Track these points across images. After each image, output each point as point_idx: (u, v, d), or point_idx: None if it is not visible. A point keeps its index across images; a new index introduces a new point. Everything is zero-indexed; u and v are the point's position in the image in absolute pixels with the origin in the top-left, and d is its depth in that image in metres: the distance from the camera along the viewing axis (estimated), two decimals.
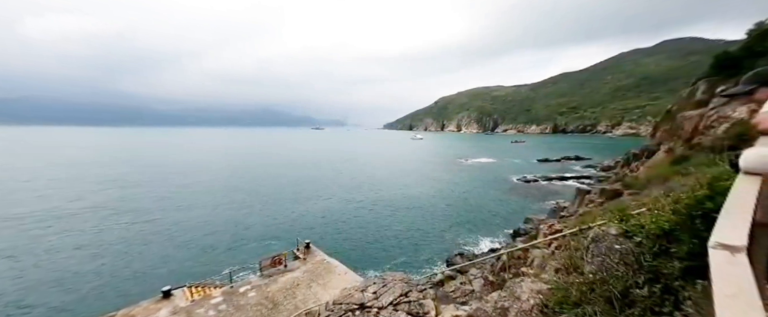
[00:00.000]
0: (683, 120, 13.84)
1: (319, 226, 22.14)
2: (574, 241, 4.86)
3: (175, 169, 48.72)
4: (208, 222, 23.06)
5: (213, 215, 24.87)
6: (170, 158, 64.86)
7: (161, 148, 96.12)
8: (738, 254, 0.47)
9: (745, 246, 0.49)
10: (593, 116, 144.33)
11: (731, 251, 0.48)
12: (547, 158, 54.12)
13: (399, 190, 33.15)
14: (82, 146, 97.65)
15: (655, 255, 2.25)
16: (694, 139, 11.78)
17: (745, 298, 0.39)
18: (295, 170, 47.27)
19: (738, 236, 0.53)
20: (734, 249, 0.48)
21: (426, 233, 20.76)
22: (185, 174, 43.61)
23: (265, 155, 74.05)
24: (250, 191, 33.01)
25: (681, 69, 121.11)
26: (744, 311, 0.37)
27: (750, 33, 16.84)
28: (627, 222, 3.44)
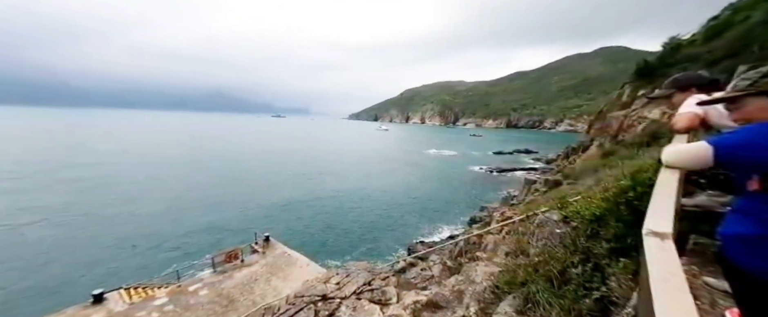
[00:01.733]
0: (611, 119, 15.92)
1: (279, 218, 21.28)
2: (522, 227, 5.33)
3: (107, 158, 42.54)
4: (151, 217, 20.73)
5: (156, 209, 22.37)
6: (100, 145, 56.37)
7: (87, 132, 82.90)
8: (666, 240, 0.53)
9: (671, 232, 0.55)
10: (541, 113, 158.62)
11: (661, 237, 0.54)
12: (501, 150, 58.41)
13: (363, 180, 33.19)
14: None
15: (588, 237, 2.54)
16: (619, 135, 13.64)
17: (674, 281, 0.43)
18: (253, 161, 44.43)
19: (665, 224, 0.59)
20: (663, 236, 0.54)
21: (389, 223, 21.22)
22: (119, 164, 38.35)
23: (219, 143, 68.20)
24: (202, 183, 30.30)
25: (612, 73, 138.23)
26: (674, 292, 0.41)
27: (664, 46, 19.77)
28: (566, 209, 3.85)
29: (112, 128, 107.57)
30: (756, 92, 1.01)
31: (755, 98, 1.02)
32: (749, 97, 1.03)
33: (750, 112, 1.03)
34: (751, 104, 1.03)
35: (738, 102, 1.07)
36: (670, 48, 18.73)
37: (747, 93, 1.03)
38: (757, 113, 1.02)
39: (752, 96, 1.02)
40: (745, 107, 1.05)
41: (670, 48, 18.73)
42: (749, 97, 1.03)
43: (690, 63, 15.26)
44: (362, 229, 19.91)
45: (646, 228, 0.60)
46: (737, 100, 1.06)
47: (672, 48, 18.59)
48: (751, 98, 1.02)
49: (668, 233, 0.57)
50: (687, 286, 0.43)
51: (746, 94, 1.03)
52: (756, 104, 1.02)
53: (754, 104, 1.02)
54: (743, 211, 0.93)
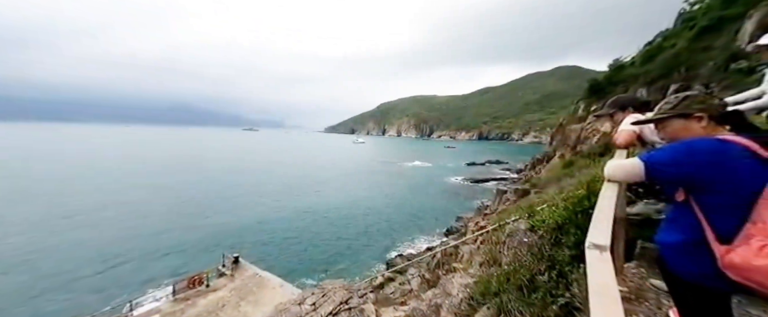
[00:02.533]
0: (570, 132, 17.33)
1: (250, 237, 20.09)
2: (495, 236, 5.50)
3: (48, 177, 38.04)
4: (100, 243, 18.59)
5: (107, 234, 20.16)
6: (38, 164, 50.39)
7: (23, 149, 73.97)
8: (604, 252, 0.59)
9: (608, 245, 0.62)
10: (509, 126, 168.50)
11: (600, 250, 0.60)
12: (474, 161, 60.73)
13: (340, 194, 32.62)
14: None
15: (552, 245, 2.69)
16: (578, 147, 14.82)
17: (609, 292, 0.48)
18: (221, 177, 42.04)
19: (604, 237, 0.66)
20: (602, 248, 0.60)
21: (368, 237, 20.88)
22: (63, 184, 34.41)
23: (181, 159, 63.91)
24: (162, 203, 27.96)
25: (569, 90, 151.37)
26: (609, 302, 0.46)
27: (610, 66, 22.17)
28: (533, 218, 4.05)
29: (57, 144, 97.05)
30: (676, 115, 1.18)
31: (676, 119, 1.18)
32: (671, 118, 1.19)
33: (673, 131, 1.19)
34: (673, 125, 1.19)
35: (663, 122, 1.23)
36: (614, 69, 21.12)
37: (669, 115, 1.19)
38: (679, 132, 1.18)
39: (673, 118, 1.18)
40: (668, 127, 1.21)
41: (614, 69, 21.12)
42: (671, 118, 1.19)
43: (631, 82, 17.23)
44: (340, 245, 19.37)
45: (588, 241, 0.66)
46: (662, 121, 1.22)
47: (616, 69, 20.98)
48: (673, 119, 1.19)
49: (606, 245, 0.63)
50: (619, 298, 0.48)
51: (669, 116, 1.19)
52: (677, 125, 1.18)
53: (676, 124, 1.18)
54: (673, 219, 1.05)
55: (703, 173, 0.92)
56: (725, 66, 9.56)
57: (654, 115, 1.28)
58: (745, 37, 10.89)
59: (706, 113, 1.09)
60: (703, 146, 0.96)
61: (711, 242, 0.89)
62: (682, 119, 1.16)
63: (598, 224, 0.79)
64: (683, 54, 13.94)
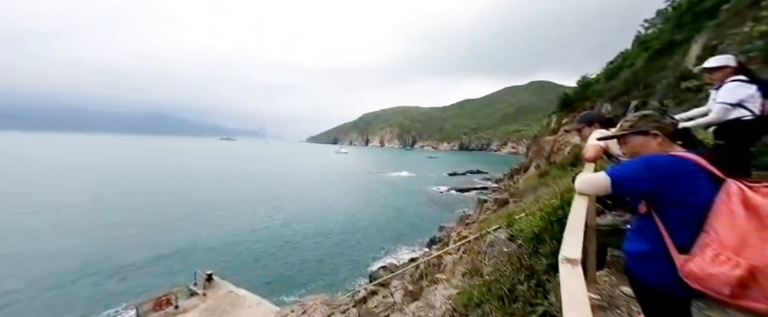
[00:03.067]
0: (544, 143, 18.23)
1: (225, 252, 19.04)
2: (477, 246, 5.57)
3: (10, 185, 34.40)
4: (56, 257, 16.86)
5: (65, 247, 18.35)
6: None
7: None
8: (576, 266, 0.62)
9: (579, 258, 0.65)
10: (488, 137, 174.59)
11: (572, 264, 0.63)
12: (456, 171, 61.98)
13: (322, 206, 31.95)
14: None
15: (531, 254, 2.77)
16: (551, 158, 15.58)
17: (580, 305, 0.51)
18: (194, 188, 39.96)
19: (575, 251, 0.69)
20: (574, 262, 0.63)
21: (350, 249, 20.45)
22: (18, 194, 31.21)
23: (153, 169, 60.30)
24: (129, 216, 26.00)
25: (542, 103, 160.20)
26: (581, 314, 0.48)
27: (578, 83, 23.81)
28: (512, 227, 4.16)
29: (19, 152, 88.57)
30: (635, 132, 1.28)
31: (635, 136, 1.28)
32: (631, 135, 1.29)
33: (633, 147, 1.29)
34: (633, 141, 1.29)
35: (624, 138, 1.33)
36: (582, 85, 22.76)
37: (629, 132, 1.29)
38: (638, 147, 1.28)
39: (633, 134, 1.28)
40: (629, 143, 1.31)
41: (582, 85, 22.76)
42: (631, 135, 1.29)
43: (598, 97, 18.55)
44: (321, 258, 18.80)
45: (561, 255, 0.70)
46: (624, 137, 1.32)
47: (583, 85, 22.62)
48: (633, 136, 1.28)
49: (577, 259, 0.66)
50: (590, 311, 0.50)
51: (629, 133, 1.29)
52: (636, 141, 1.27)
53: (635, 140, 1.28)
54: (638, 230, 1.13)
55: (661, 187, 1.00)
56: (677, 84, 10.57)
57: (616, 131, 1.38)
58: (692, 58, 12.16)
59: (661, 131, 1.20)
60: (660, 161, 1.05)
61: (671, 251, 0.96)
62: (640, 135, 1.25)
63: (569, 237, 0.83)
64: (640, 73, 15.28)
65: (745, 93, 2.03)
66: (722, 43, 9.16)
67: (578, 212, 1.01)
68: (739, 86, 2.06)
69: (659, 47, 15.74)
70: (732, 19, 9.98)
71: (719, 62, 2.22)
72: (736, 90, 2.05)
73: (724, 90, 2.11)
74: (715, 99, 2.15)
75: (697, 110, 2.38)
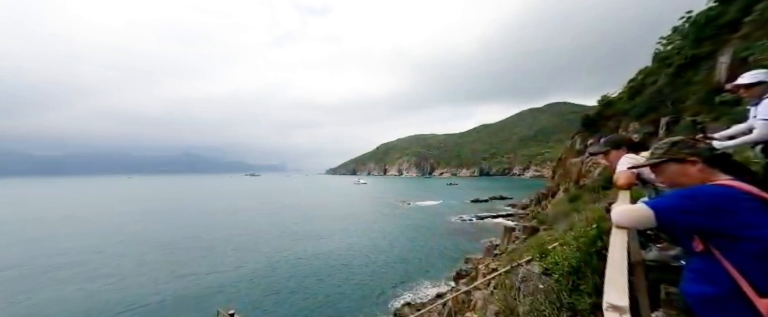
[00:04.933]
0: (570, 166, 17.40)
1: (248, 289, 18.87)
2: (508, 279, 5.18)
3: (38, 227, 37.26)
4: (82, 297, 17.42)
5: (91, 286, 19.02)
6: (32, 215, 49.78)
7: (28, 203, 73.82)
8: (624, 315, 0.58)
9: (627, 305, 0.60)
10: (509, 161, 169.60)
11: (619, 312, 0.58)
12: (478, 198, 59.72)
13: (343, 239, 31.48)
14: None
15: (570, 291, 2.54)
16: (581, 181, 14.74)
17: None
18: (219, 225, 41.13)
19: (621, 296, 0.64)
20: (621, 310, 0.59)
21: (372, 284, 19.58)
22: (51, 235, 33.57)
23: (181, 205, 63.25)
24: (156, 253, 26.93)
25: (563, 124, 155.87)
26: None
27: (599, 102, 23.15)
28: (545, 260, 3.87)
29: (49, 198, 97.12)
30: (669, 159, 1.22)
31: (671, 163, 1.21)
32: (666, 163, 1.23)
33: (671, 176, 1.22)
34: (669, 169, 1.22)
35: (659, 167, 1.26)
36: (604, 104, 22.09)
37: (662, 161, 1.23)
38: (676, 176, 1.20)
39: (667, 162, 1.22)
40: (665, 172, 1.24)
41: (604, 104, 22.09)
42: (666, 163, 1.23)
43: (622, 115, 17.85)
44: (342, 292, 18.09)
45: (605, 302, 0.65)
46: (657, 167, 1.26)
47: (605, 104, 21.94)
48: (667, 164, 1.22)
49: (625, 307, 0.61)
50: None
51: (663, 161, 1.24)
52: (673, 170, 1.20)
53: (671, 169, 1.21)
54: (696, 270, 1.01)
55: (716, 220, 0.91)
56: (710, 98, 10.01)
57: (648, 159, 1.33)
58: (721, 72, 11.62)
59: (699, 157, 1.13)
60: (709, 191, 0.97)
61: (749, 294, 0.84)
62: (676, 163, 1.19)
63: (612, 280, 0.77)
64: (666, 89, 14.69)
65: None
66: (752, 55, 8.76)
67: (618, 248, 0.95)
68: None
69: (682, 62, 15.25)
70: (757, 32, 9.63)
71: (755, 78, 2.14)
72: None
73: (765, 106, 2.01)
74: (757, 116, 2.04)
75: (739, 127, 2.25)
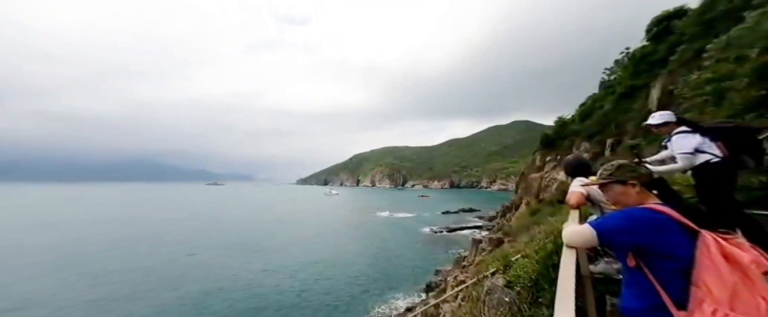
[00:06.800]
0: (532, 180, 18.63)
1: (202, 310, 17.19)
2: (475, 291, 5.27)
3: None
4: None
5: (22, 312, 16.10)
6: None
7: None
8: None
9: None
10: (477, 174, 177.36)
11: None
12: (448, 210, 61.22)
13: (311, 252, 30.23)
14: None
15: (530, 303, 2.64)
16: (540, 194, 15.80)
17: None
18: (172, 236, 37.56)
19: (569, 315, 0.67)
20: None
21: (342, 298, 18.87)
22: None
23: (125, 218, 56.97)
24: (93, 271, 23.71)
25: (526, 141, 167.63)
26: None
27: (556, 123, 25.36)
28: (508, 272, 4.01)
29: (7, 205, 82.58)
30: (615, 181, 1.34)
31: (615, 184, 1.34)
32: (611, 184, 1.35)
33: (615, 194, 1.34)
34: (614, 189, 1.35)
35: (605, 187, 1.39)
36: (559, 125, 24.29)
37: (609, 181, 1.35)
38: (619, 196, 1.33)
39: (612, 183, 1.34)
40: (611, 191, 1.37)
41: (559, 125, 24.29)
42: (611, 184, 1.35)
43: (575, 136, 19.66)
44: (311, 309, 17.19)
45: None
46: (604, 186, 1.38)
47: (560, 125, 24.13)
48: (613, 184, 1.34)
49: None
50: None
51: (607, 182, 1.36)
52: (617, 190, 1.33)
53: (616, 189, 1.34)
54: (631, 285, 1.11)
55: (645, 241, 1.02)
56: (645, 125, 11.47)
57: (597, 179, 1.45)
58: (653, 101, 13.38)
59: (638, 180, 1.26)
60: (641, 215, 1.08)
61: (670, 308, 0.93)
62: (620, 184, 1.32)
63: (561, 300, 0.81)
64: (610, 114, 16.55)
65: (694, 141, 2.21)
66: (677, 88, 10.22)
67: (568, 267, 1.01)
68: (685, 136, 2.27)
69: (623, 91, 17.36)
70: (681, 69, 11.29)
71: (663, 118, 2.52)
72: (685, 140, 2.25)
73: (676, 142, 2.31)
74: (674, 150, 2.33)
75: (666, 153, 2.56)
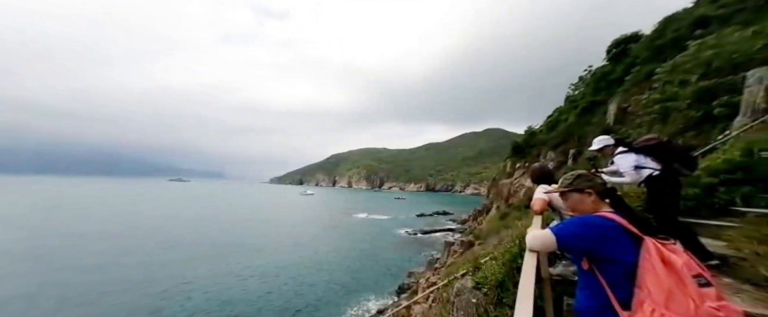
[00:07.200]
0: (502, 186, 19.52)
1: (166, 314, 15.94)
2: (445, 293, 5.39)
3: None
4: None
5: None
6: None
7: None
8: None
9: None
10: (452, 178, 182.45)
11: None
12: (423, 213, 62.28)
13: (282, 253, 29.25)
14: None
15: (496, 304, 2.75)
16: (510, 199, 16.59)
17: None
18: (129, 238, 34.59)
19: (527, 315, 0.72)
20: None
21: (313, 300, 18.42)
22: None
23: (74, 215, 51.64)
24: (34, 274, 21.14)
25: (498, 148, 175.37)
26: None
27: (526, 132, 26.83)
28: (477, 274, 4.15)
29: None
30: (573, 190, 1.44)
31: (573, 193, 1.43)
32: (569, 192, 1.45)
33: (572, 203, 1.44)
34: (572, 197, 1.45)
35: (564, 195, 1.48)
36: (529, 134, 25.77)
37: (567, 189, 1.45)
38: (577, 203, 1.43)
39: (571, 192, 1.44)
40: (569, 199, 1.46)
41: (529, 134, 25.77)
42: (569, 192, 1.45)
43: (542, 145, 20.91)
44: (281, 312, 16.59)
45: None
46: (563, 194, 1.48)
47: (529, 134, 25.61)
48: (571, 193, 1.44)
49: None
50: None
51: (567, 190, 1.45)
52: (575, 198, 1.43)
53: (574, 197, 1.43)
54: (582, 286, 1.20)
55: (597, 246, 1.10)
56: None
57: (557, 187, 1.55)
58: (610, 116, 14.64)
59: (593, 190, 1.37)
60: (594, 222, 1.18)
61: (616, 307, 1.02)
62: (578, 193, 1.42)
63: (521, 302, 0.85)
64: (573, 127, 17.84)
65: (632, 159, 2.50)
66: (630, 106, 11.27)
67: (529, 270, 1.07)
68: (623, 156, 2.57)
69: (585, 106, 18.78)
70: (634, 88, 12.46)
71: (602, 143, 2.87)
72: (624, 159, 2.54)
73: (618, 162, 2.61)
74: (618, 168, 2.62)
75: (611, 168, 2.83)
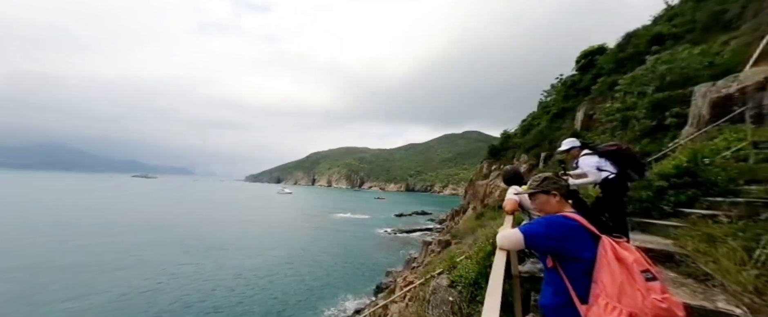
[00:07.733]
0: (478, 186, 20.19)
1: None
2: (422, 291, 5.48)
3: None
4: None
5: None
6: None
7: None
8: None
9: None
10: (431, 179, 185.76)
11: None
12: (403, 212, 62.89)
13: (257, 255, 28.28)
14: None
15: (469, 302, 2.84)
16: (485, 200, 17.20)
17: None
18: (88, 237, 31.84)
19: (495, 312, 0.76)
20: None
21: (287, 303, 17.98)
22: None
23: (23, 214, 46.70)
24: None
25: (476, 150, 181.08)
26: None
27: (502, 136, 27.93)
28: (453, 272, 4.25)
29: None
30: (540, 191, 1.52)
31: (540, 194, 1.52)
32: (537, 194, 1.53)
33: (539, 204, 1.52)
34: (539, 198, 1.53)
35: (533, 196, 1.56)
36: (504, 137, 26.90)
37: (535, 191, 1.53)
38: (544, 204, 1.51)
39: (538, 193, 1.52)
40: (537, 200, 1.55)
41: (504, 137, 26.90)
42: (537, 194, 1.53)
43: (517, 148, 21.87)
44: (256, 315, 16.03)
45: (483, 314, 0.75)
46: (532, 195, 1.56)
47: (505, 138, 26.75)
48: (538, 194, 1.52)
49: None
50: None
51: (535, 191, 1.53)
52: (542, 199, 1.51)
53: (541, 198, 1.52)
54: (547, 283, 1.28)
55: (560, 245, 1.18)
56: None
57: (526, 189, 1.63)
58: (578, 122, 15.64)
59: (558, 192, 1.46)
60: (558, 221, 1.26)
61: (576, 302, 1.10)
62: (545, 194, 1.50)
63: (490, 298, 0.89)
64: (545, 131, 18.86)
65: (595, 161, 2.75)
66: (595, 114, 12.10)
67: (499, 267, 1.12)
68: (588, 158, 2.82)
69: (556, 112, 19.91)
70: (599, 97, 13.40)
71: (569, 145, 3.12)
72: (589, 160, 2.79)
73: (582, 162, 2.86)
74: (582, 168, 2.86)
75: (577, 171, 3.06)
